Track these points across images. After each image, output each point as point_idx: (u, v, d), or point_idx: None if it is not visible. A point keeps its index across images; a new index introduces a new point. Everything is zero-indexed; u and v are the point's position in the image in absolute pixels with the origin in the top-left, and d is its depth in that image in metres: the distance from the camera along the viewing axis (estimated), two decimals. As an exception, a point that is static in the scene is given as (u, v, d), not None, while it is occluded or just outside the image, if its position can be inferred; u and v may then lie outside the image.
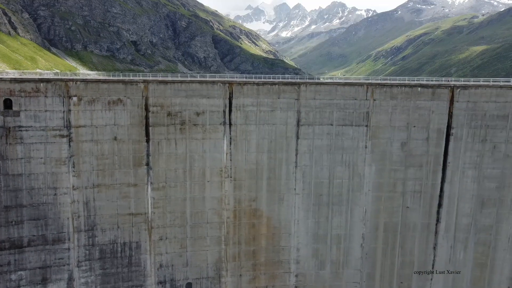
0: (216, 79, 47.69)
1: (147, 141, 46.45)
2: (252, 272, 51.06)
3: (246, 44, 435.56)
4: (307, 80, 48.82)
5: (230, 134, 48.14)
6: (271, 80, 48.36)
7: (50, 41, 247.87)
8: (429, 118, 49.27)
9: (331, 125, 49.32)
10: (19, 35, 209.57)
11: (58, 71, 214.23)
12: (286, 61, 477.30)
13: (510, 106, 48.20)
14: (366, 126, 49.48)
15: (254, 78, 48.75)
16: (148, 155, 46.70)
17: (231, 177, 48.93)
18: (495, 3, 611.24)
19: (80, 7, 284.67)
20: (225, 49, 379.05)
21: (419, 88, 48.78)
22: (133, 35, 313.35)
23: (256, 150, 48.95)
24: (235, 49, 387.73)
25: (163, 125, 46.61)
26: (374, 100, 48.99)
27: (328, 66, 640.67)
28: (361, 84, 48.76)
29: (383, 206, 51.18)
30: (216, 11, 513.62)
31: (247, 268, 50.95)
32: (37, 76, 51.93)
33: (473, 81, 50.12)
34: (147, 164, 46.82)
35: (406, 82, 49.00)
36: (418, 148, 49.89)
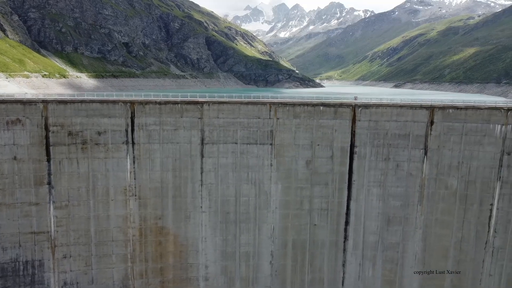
0: (117, 98, 48.08)
1: (48, 160, 46.90)
2: (161, 289, 51.49)
3: (242, 45, 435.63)
4: (210, 99, 49.15)
5: (133, 153, 48.54)
6: (174, 99, 48.73)
7: (40, 43, 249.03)
8: (333, 137, 49.50)
9: (236, 143, 49.62)
10: (8, 37, 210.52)
11: (46, 73, 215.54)
12: (282, 62, 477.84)
13: (411, 126, 48.37)
14: (271, 144, 49.75)
15: (156, 97, 49.05)
16: (49, 174, 47.14)
17: (135, 196, 49.33)
18: (492, 4, 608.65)
19: (71, 9, 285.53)
20: (219, 50, 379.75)
21: (321, 107, 49.00)
22: (125, 37, 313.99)
23: (160, 168, 49.32)
24: (228, 50, 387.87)
25: (64, 144, 47.05)
26: (278, 118, 49.25)
27: (325, 67, 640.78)
28: (264, 103, 49.03)
29: (291, 223, 51.44)
30: (212, 12, 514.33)
31: (155, 285, 51.34)
32: None
33: (374, 100, 50.25)
34: (49, 183, 47.27)
35: (309, 101, 49.23)
36: (323, 166, 50.12)
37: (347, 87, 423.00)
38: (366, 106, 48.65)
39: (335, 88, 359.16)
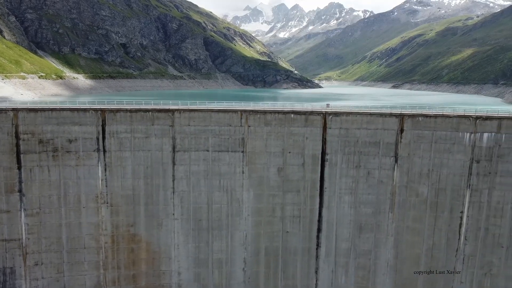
0: (88, 106, 48.23)
1: (19, 168, 47.06)
2: (134, 296, 51.62)
3: (240, 46, 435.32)
4: (181, 107, 49.29)
5: (104, 160, 48.67)
6: (145, 107, 48.88)
7: (37, 44, 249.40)
8: (304, 144, 49.58)
9: (207, 151, 49.73)
10: (4, 38, 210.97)
11: (43, 74, 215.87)
12: (281, 62, 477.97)
13: (381, 133, 48.44)
14: (242, 152, 49.85)
15: (127, 105, 49.20)
16: (20, 182, 47.30)
17: (107, 203, 49.46)
18: (491, 4, 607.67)
19: (68, 10, 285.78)
20: (217, 51, 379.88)
21: (292, 115, 49.08)
22: (123, 38, 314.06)
23: (132, 176, 49.44)
24: (226, 51, 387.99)
25: (35, 152, 47.19)
26: (249, 126, 49.35)
27: (324, 67, 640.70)
28: (235, 111, 49.13)
29: (263, 230, 51.55)
30: (211, 12, 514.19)
31: (128, 292, 51.50)
32: None
33: (345, 108, 50.33)
34: (20, 190, 47.42)
35: (280, 108, 49.33)
36: (295, 173, 50.22)
37: (345, 87, 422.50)
38: (337, 114, 48.73)
39: (333, 89, 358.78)
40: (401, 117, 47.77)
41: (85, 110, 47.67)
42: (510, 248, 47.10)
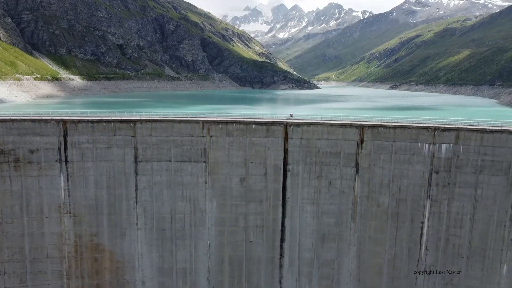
0: (49, 117, 48.43)
1: (-20, 179, 47.32)
2: (98, 305, 51.83)
3: (239, 47, 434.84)
4: (143, 117, 49.45)
5: (67, 171, 48.88)
6: (106, 117, 49.07)
7: (33, 45, 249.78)
8: (266, 155, 49.69)
9: (170, 161, 49.88)
10: (0, 39, 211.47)
11: (38, 75, 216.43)
12: (279, 63, 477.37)
13: (342, 144, 48.49)
14: (205, 162, 49.99)
15: (89, 116, 49.41)
16: (-18, 192, 47.55)
17: (70, 213, 49.67)
18: (490, 5, 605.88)
19: (65, 11, 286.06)
20: (214, 52, 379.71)
21: (253, 126, 49.21)
22: (119, 39, 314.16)
23: (95, 186, 49.64)
24: (224, 52, 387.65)
25: (-3, 163, 47.44)
26: (211, 136, 49.49)
27: (322, 68, 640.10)
28: (196, 121, 49.28)
29: (227, 240, 51.68)
30: (209, 13, 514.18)
31: (92, 301, 51.70)
32: None
33: (306, 118, 50.43)
34: (-18, 201, 47.68)
35: (241, 119, 49.43)
36: (257, 183, 50.33)
37: (342, 88, 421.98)
38: (298, 124, 48.81)
39: (330, 90, 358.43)
40: (361, 127, 47.82)
41: (46, 121, 47.89)
42: (470, 259, 47.11)
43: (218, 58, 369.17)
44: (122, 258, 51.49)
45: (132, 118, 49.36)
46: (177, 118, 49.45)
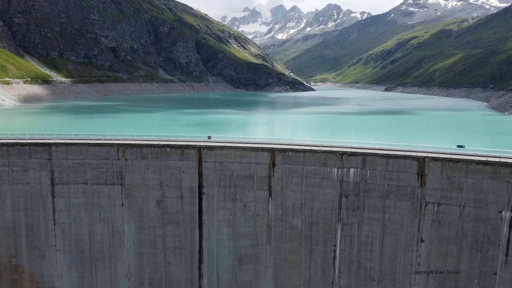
0: (-36, 141, 48.91)
1: None
2: (19, 325, 52.23)
3: (235, 48, 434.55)
4: (58, 141, 49.81)
5: (-17, 194, 49.28)
6: (21, 141, 49.46)
7: (24, 48, 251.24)
8: (181, 177, 49.88)
9: (86, 184, 50.19)
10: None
11: (28, 79, 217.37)
12: (276, 64, 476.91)
13: (255, 167, 48.61)
14: (121, 184, 50.25)
15: (3, 139, 49.83)
16: None
17: (-12, 235, 50.09)
18: (487, 6, 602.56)
19: (57, 14, 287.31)
20: (209, 54, 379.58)
21: (168, 149, 49.41)
22: (112, 41, 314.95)
23: (12, 208, 50.03)
24: (218, 54, 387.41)
25: None
26: (126, 159, 49.74)
27: (320, 69, 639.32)
28: (111, 145, 49.55)
29: (146, 261, 51.93)
30: (206, 14, 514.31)
31: (12, 322, 52.09)
32: None
33: (220, 141, 50.58)
34: None
35: (156, 142, 49.65)
36: (174, 206, 50.54)
37: (337, 90, 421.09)
38: (211, 148, 48.97)
39: (324, 92, 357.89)
40: (272, 151, 47.91)
41: (-39, 145, 48.29)
42: (381, 282, 47.11)
43: (212, 60, 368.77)
44: (41, 279, 51.87)
45: (47, 141, 49.72)
46: (92, 141, 49.74)
